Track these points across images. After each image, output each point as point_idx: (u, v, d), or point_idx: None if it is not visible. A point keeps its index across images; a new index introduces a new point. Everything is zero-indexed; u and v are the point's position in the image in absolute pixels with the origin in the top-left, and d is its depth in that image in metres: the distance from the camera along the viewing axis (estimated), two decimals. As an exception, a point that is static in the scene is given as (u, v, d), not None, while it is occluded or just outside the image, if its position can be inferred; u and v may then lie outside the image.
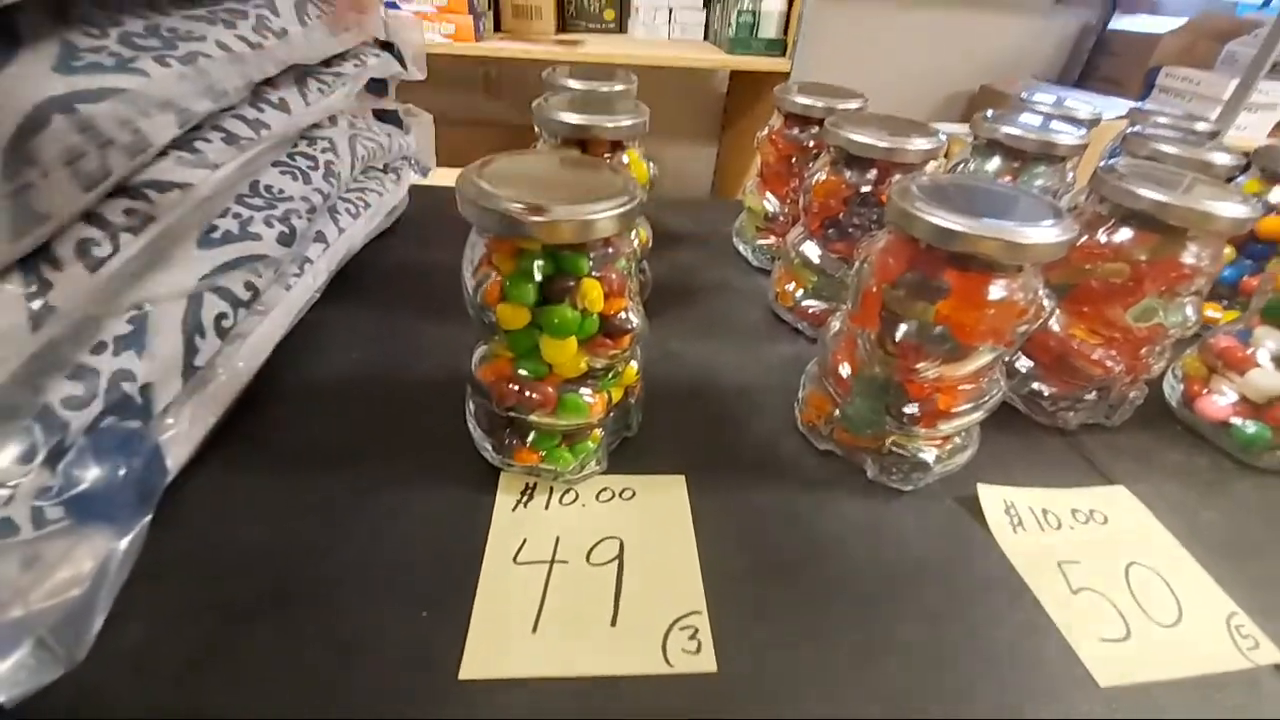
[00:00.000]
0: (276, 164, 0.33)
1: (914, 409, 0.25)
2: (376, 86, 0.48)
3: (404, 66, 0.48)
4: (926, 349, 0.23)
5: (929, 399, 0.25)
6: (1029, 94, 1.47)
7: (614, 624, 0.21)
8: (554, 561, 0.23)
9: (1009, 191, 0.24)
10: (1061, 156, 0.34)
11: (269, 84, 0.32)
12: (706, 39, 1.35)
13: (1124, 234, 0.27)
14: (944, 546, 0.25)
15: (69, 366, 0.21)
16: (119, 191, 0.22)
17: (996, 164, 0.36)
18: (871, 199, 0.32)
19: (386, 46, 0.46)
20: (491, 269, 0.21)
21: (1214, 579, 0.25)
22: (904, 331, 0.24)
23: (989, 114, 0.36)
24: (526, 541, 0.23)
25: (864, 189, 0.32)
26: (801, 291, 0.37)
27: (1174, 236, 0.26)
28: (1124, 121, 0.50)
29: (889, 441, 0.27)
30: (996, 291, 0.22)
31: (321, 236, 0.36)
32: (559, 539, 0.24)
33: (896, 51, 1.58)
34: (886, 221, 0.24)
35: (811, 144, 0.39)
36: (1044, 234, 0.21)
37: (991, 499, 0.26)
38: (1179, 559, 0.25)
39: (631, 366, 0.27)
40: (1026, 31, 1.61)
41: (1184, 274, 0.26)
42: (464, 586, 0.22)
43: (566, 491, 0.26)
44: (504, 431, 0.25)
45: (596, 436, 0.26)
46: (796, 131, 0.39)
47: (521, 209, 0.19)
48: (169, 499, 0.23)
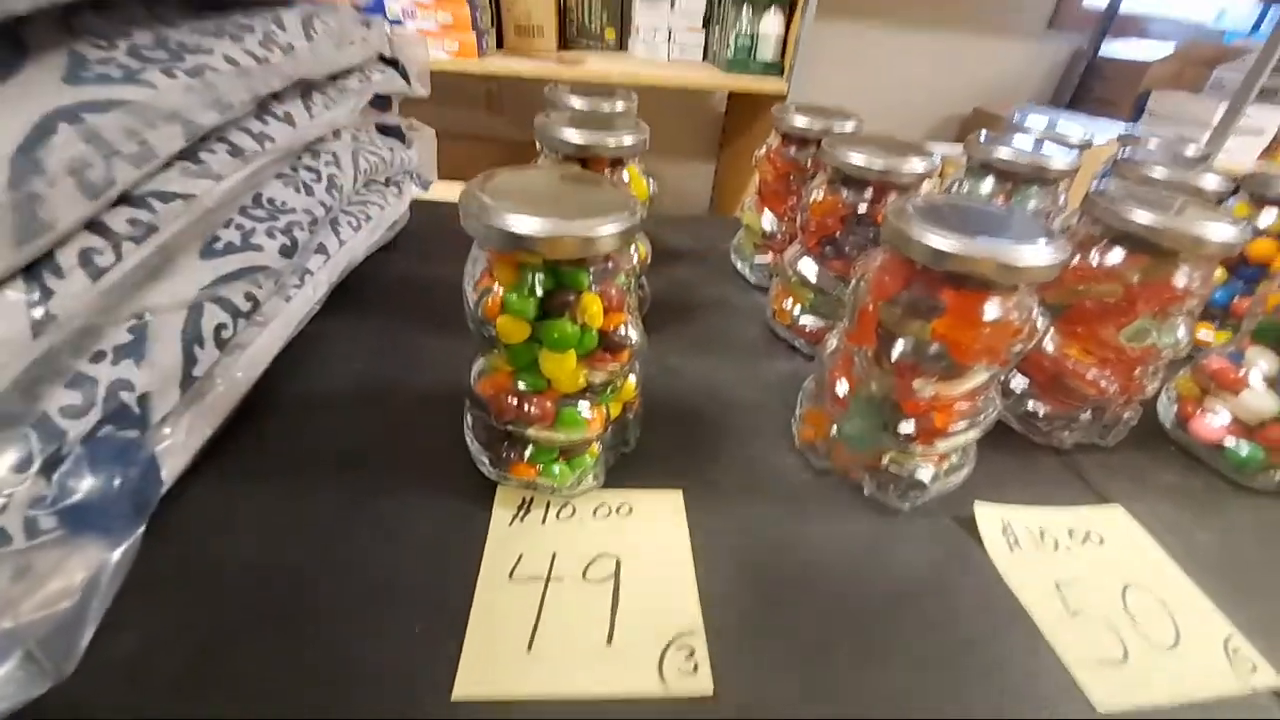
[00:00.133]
0: (280, 176, 0.34)
1: (911, 427, 0.25)
2: (380, 101, 0.49)
3: (408, 83, 0.48)
4: (923, 367, 0.24)
5: (926, 417, 0.25)
6: (1021, 116, 1.50)
7: (610, 643, 0.21)
8: (550, 578, 0.22)
9: (1003, 212, 0.24)
10: (1053, 179, 0.35)
11: (274, 97, 0.32)
12: (705, 59, 1.37)
13: (1116, 255, 0.27)
14: (941, 566, 0.25)
15: (68, 374, 0.21)
16: (123, 201, 0.22)
17: (990, 186, 0.36)
18: (867, 218, 0.32)
19: (391, 63, 0.47)
20: (493, 283, 0.22)
21: (1211, 601, 0.25)
22: (900, 350, 0.24)
23: (982, 136, 0.36)
24: (522, 557, 0.23)
25: (860, 208, 0.32)
26: (799, 309, 0.38)
27: (1165, 258, 0.26)
28: (1115, 144, 0.51)
29: (886, 459, 0.27)
30: (992, 311, 0.22)
31: (322, 248, 0.36)
32: (555, 555, 0.23)
33: (892, 74, 1.61)
34: (883, 241, 0.24)
35: (808, 163, 0.39)
36: (1038, 255, 0.21)
37: (988, 518, 0.26)
38: (1176, 581, 0.25)
39: (630, 382, 0.27)
40: (1020, 56, 1.65)
41: (1176, 295, 0.27)
42: (459, 602, 0.21)
43: (563, 506, 0.26)
44: (502, 445, 0.25)
45: (594, 451, 0.26)
46: (794, 151, 0.40)
47: (523, 224, 0.19)
48: (163, 510, 0.23)
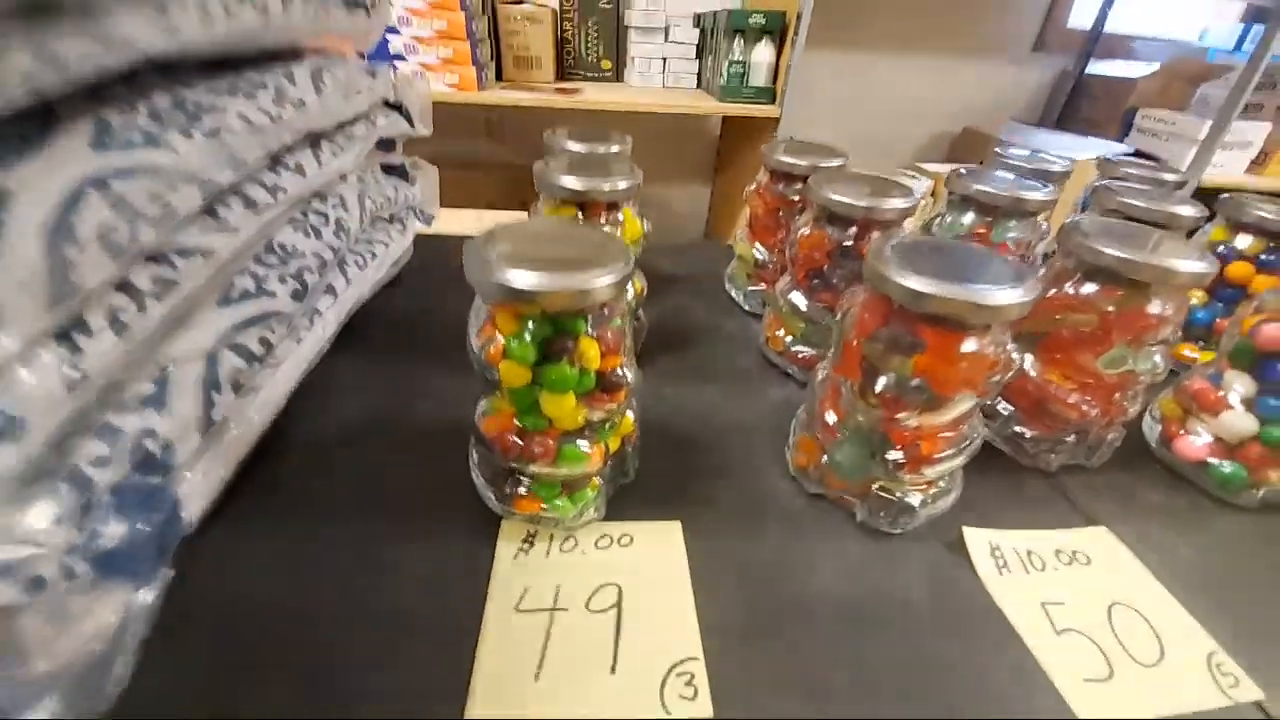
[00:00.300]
0: (290, 221, 0.35)
1: (898, 455, 0.26)
2: (385, 143, 0.51)
3: (411, 124, 0.50)
4: (905, 399, 0.25)
5: (912, 446, 0.26)
6: (1009, 136, 1.52)
7: (613, 671, 0.21)
8: (555, 609, 0.23)
9: (979, 252, 0.26)
10: (1032, 211, 0.36)
11: (285, 149, 0.34)
12: (699, 87, 1.40)
13: (1091, 287, 0.29)
14: (932, 588, 0.26)
15: (95, 426, 0.22)
16: (146, 259, 0.24)
17: (971, 218, 0.38)
18: (852, 252, 0.34)
19: (395, 107, 0.49)
20: (495, 331, 0.23)
21: (1194, 617, 0.26)
22: (883, 384, 0.25)
23: (963, 171, 0.38)
24: (528, 589, 0.24)
25: (845, 243, 0.34)
26: (791, 338, 0.39)
27: (1138, 290, 0.28)
28: (1094, 169, 0.52)
29: (876, 486, 0.28)
30: (969, 346, 0.24)
31: (331, 289, 0.38)
32: (559, 586, 0.24)
33: (883, 96, 1.64)
34: (864, 281, 0.25)
35: (796, 198, 0.41)
36: (1009, 295, 0.22)
37: (977, 542, 0.27)
38: (1160, 598, 0.26)
39: (628, 417, 0.28)
40: (1007, 76, 1.68)
41: (1149, 324, 0.28)
42: (467, 635, 0.22)
43: (566, 539, 0.27)
44: (506, 481, 0.26)
45: (595, 485, 0.27)
46: (782, 187, 0.41)
47: (522, 279, 0.20)
48: (181, 552, 0.24)
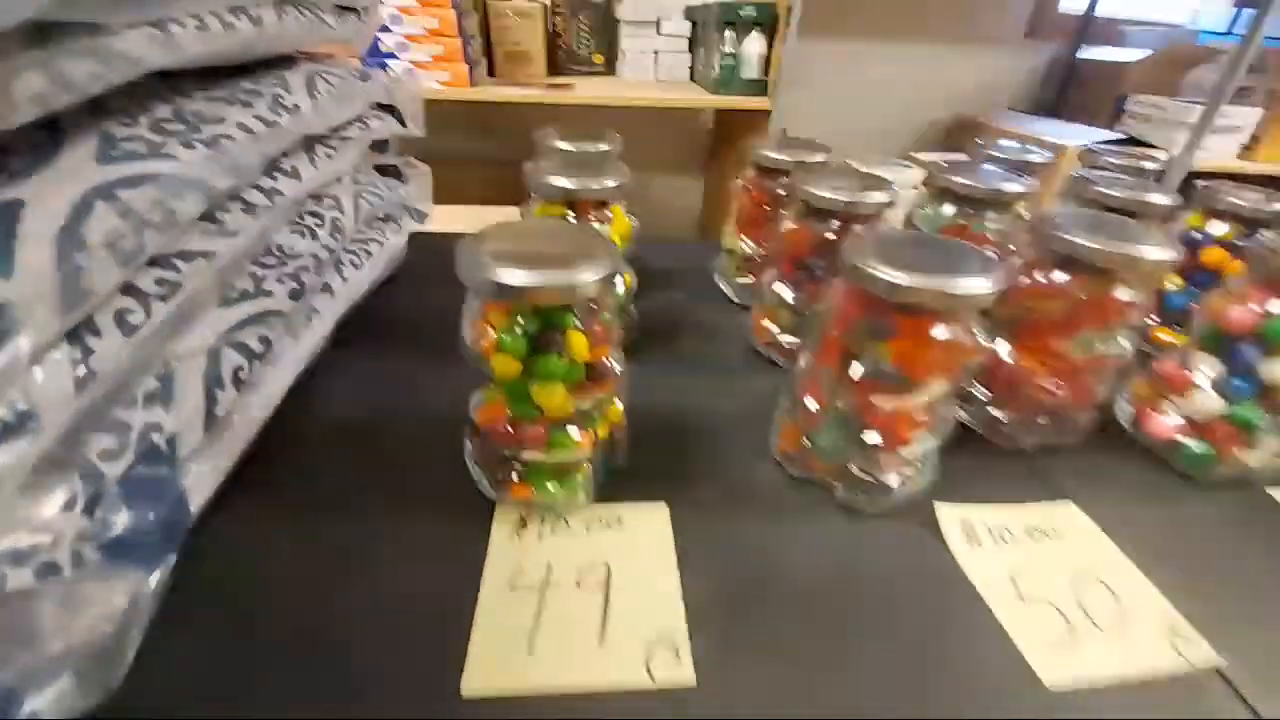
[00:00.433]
0: (287, 224, 0.36)
1: (876, 437, 0.28)
2: (378, 144, 0.52)
3: (404, 125, 0.51)
4: (881, 384, 0.26)
5: (889, 428, 0.27)
6: (1002, 124, 1.52)
7: (601, 643, 0.23)
8: (546, 587, 0.25)
9: (951, 245, 0.27)
10: (1008, 202, 0.37)
11: (282, 153, 0.35)
12: (692, 79, 1.41)
13: (1061, 275, 0.30)
14: (907, 563, 0.27)
15: (105, 421, 0.23)
16: (150, 263, 0.25)
17: (952, 210, 0.39)
18: (835, 245, 0.35)
19: (388, 108, 0.49)
20: (487, 326, 0.24)
21: (1157, 587, 0.27)
22: (860, 370, 0.26)
23: (943, 164, 0.39)
24: (521, 569, 0.25)
25: (828, 236, 0.35)
26: (777, 329, 0.40)
27: (1105, 277, 0.29)
28: (1077, 157, 0.53)
29: (855, 467, 0.29)
30: (940, 333, 0.25)
31: (327, 288, 0.39)
32: (551, 566, 0.26)
33: (876, 85, 1.64)
34: (842, 273, 0.26)
35: (782, 192, 0.42)
36: (976, 285, 0.23)
37: (949, 517, 0.29)
38: (1124, 569, 0.27)
39: (616, 405, 0.29)
40: (1000, 63, 1.69)
41: (1117, 310, 0.29)
42: (464, 612, 0.24)
43: (558, 521, 0.28)
44: (499, 468, 0.27)
45: (585, 470, 0.28)
46: (768, 182, 0.42)
47: (512, 276, 0.22)
48: (187, 541, 0.25)
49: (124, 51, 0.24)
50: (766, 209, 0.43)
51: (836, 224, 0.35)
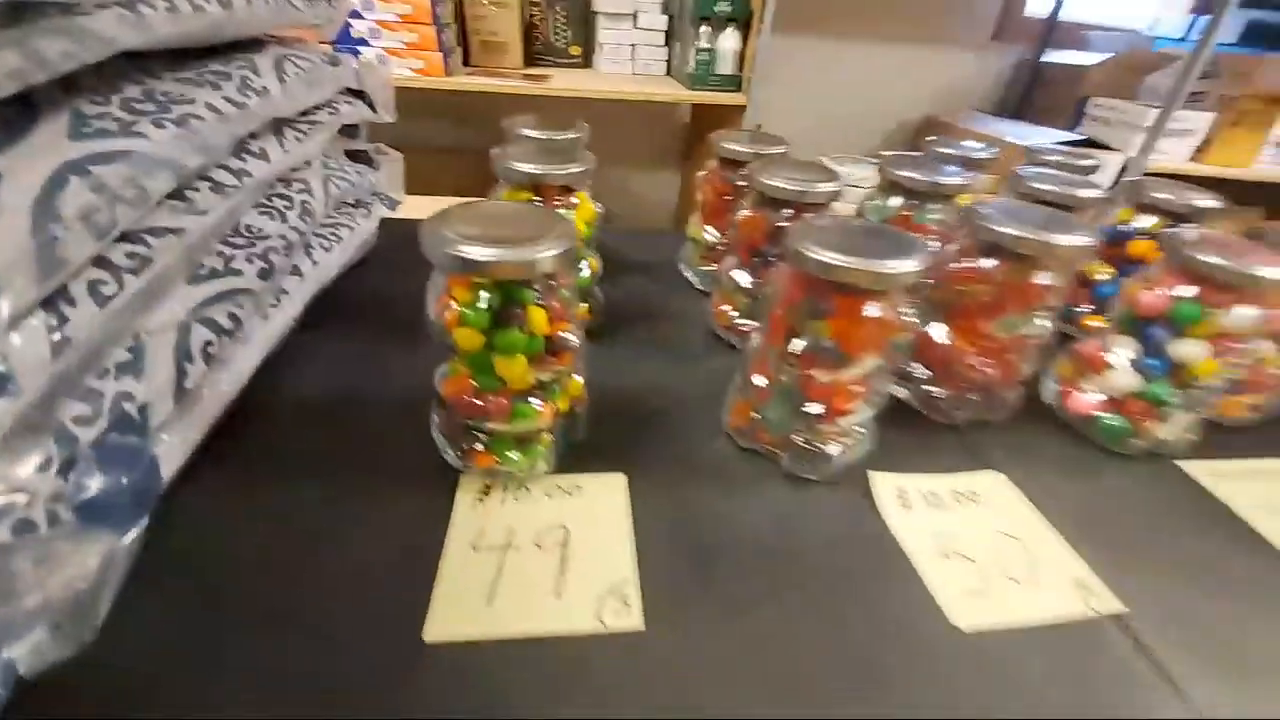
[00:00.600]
0: (256, 205, 0.37)
1: (817, 408, 0.30)
2: (349, 129, 0.52)
3: (374, 111, 0.52)
4: (819, 359, 0.28)
5: (828, 400, 0.30)
6: (968, 124, 1.56)
7: (558, 595, 0.24)
8: (508, 547, 0.26)
9: (884, 231, 0.29)
10: (950, 194, 0.40)
11: (251, 135, 0.35)
12: (669, 74, 1.42)
13: (988, 261, 0.32)
14: (843, 524, 0.29)
15: (79, 389, 0.24)
16: (122, 237, 0.26)
17: (898, 201, 0.41)
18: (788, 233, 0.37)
19: (358, 94, 0.50)
20: (451, 300, 0.25)
21: (1070, 546, 0.30)
22: (802, 346, 0.28)
23: (891, 156, 0.41)
24: (484, 532, 0.27)
25: (781, 224, 0.37)
26: (736, 313, 0.42)
27: (1026, 263, 0.31)
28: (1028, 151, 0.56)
29: (799, 438, 0.31)
30: (871, 311, 0.27)
31: (297, 270, 0.40)
32: (512, 529, 0.27)
33: (847, 84, 1.68)
34: (786, 258, 0.28)
35: (742, 183, 0.44)
36: (902, 266, 0.25)
37: (884, 484, 0.31)
38: (1039, 529, 0.30)
39: (576, 380, 0.31)
40: (967, 65, 1.73)
41: (1037, 293, 0.32)
42: (429, 571, 0.25)
43: (520, 489, 0.29)
44: (464, 438, 0.29)
45: (546, 440, 0.30)
46: (729, 173, 0.44)
47: (475, 252, 0.23)
48: (159, 508, 0.26)
49: (96, 31, 0.24)
50: (728, 199, 0.45)
51: (789, 212, 0.37)
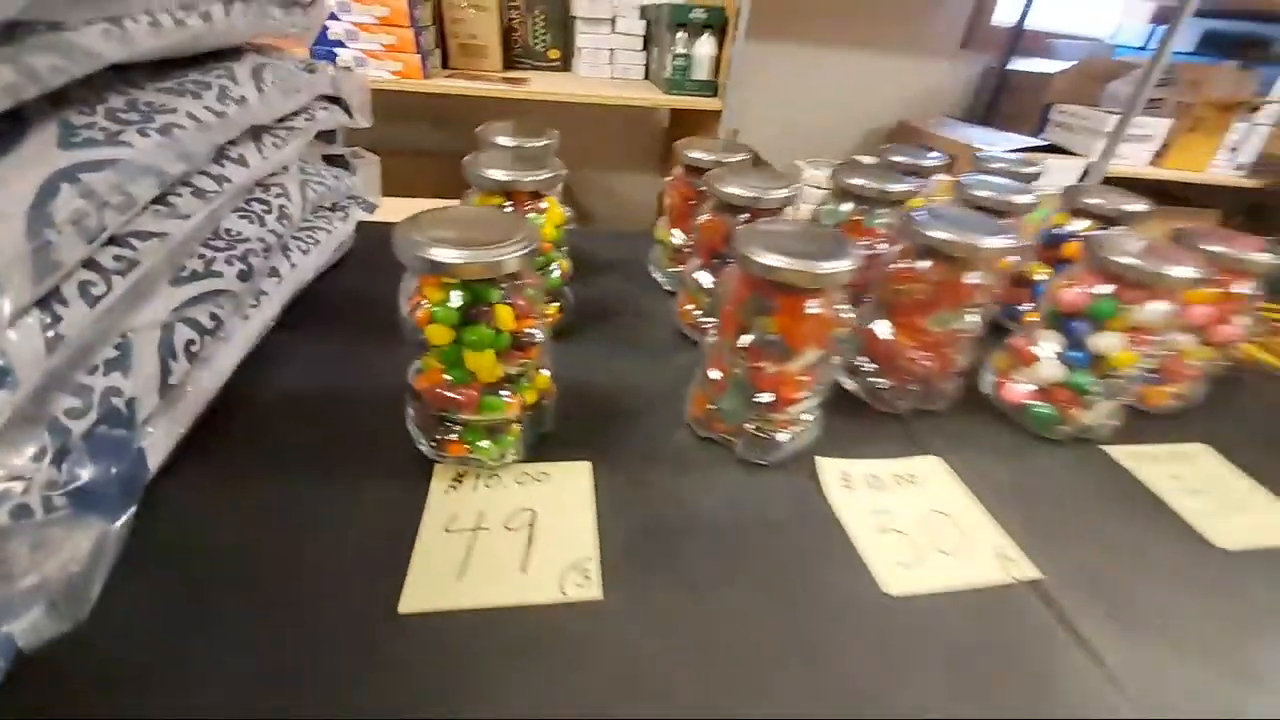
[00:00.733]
0: (236, 209, 0.39)
1: (767, 398, 0.32)
2: (326, 135, 0.54)
3: (351, 116, 0.53)
4: (766, 352, 0.31)
5: (777, 389, 0.32)
6: (938, 130, 1.60)
7: (524, 570, 0.27)
8: (478, 529, 0.28)
9: (823, 234, 0.32)
10: (896, 200, 0.43)
11: (230, 142, 0.37)
12: (647, 78, 1.44)
13: (923, 263, 0.35)
14: (790, 506, 0.32)
15: (70, 384, 0.26)
16: (110, 241, 0.27)
17: (850, 207, 0.44)
18: (744, 235, 0.39)
19: (335, 100, 0.52)
20: (422, 299, 0.27)
21: (998, 521, 0.32)
22: (750, 340, 0.31)
23: (841, 165, 0.44)
24: (456, 516, 0.29)
25: (739, 228, 0.39)
26: (699, 312, 0.45)
27: (956, 264, 0.34)
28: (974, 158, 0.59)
29: (751, 426, 0.33)
30: (812, 308, 0.29)
31: (275, 272, 0.41)
32: (482, 513, 0.29)
33: (821, 90, 1.72)
34: (734, 259, 0.31)
35: (705, 189, 0.46)
36: (837, 266, 0.28)
37: (828, 468, 0.34)
38: (969, 507, 0.33)
39: (543, 374, 0.33)
40: (937, 73, 1.78)
41: (967, 291, 0.35)
42: (404, 553, 0.27)
43: (490, 477, 0.32)
44: (437, 429, 0.31)
45: (515, 431, 0.32)
46: (694, 179, 0.47)
47: (443, 254, 0.25)
48: (145, 499, 0.27)
49: (84, 46, 0.26)
50: (692, 204, 0.48)
51: (745, 216, 0.39)
